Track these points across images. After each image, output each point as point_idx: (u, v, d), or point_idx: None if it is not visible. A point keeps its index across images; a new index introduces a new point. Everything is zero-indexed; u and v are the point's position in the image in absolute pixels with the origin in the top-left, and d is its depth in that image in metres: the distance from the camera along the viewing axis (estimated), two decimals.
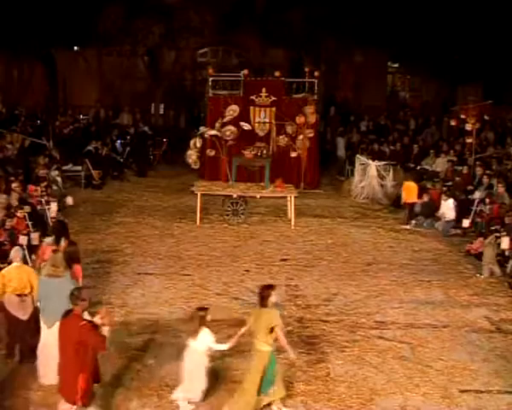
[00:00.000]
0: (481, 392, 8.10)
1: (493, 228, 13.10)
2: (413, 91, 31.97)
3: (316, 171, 19.85)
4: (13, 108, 24.26)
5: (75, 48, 27.51)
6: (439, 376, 8.46)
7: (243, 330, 7.63)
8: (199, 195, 15.46)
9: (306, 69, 19.50)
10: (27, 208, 12.54)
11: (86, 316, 6.95)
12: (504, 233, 12.61)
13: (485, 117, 20.97)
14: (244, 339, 7.95)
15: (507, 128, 23.12)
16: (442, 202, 15.58)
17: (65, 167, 18.70)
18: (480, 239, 13.12)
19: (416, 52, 25.55)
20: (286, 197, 16.12)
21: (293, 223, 15.37)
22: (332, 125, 24.84)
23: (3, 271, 8.78)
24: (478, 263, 12.79)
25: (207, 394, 7.67)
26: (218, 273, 12.07)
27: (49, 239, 9.91)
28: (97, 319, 6.80)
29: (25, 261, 9.59)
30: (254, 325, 7.44)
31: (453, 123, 20.67)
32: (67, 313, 6.78)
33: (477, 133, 19.17)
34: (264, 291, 7.49)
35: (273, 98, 19.22)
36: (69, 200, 14.62)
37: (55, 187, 16.67)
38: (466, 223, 14.99)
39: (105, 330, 6.68)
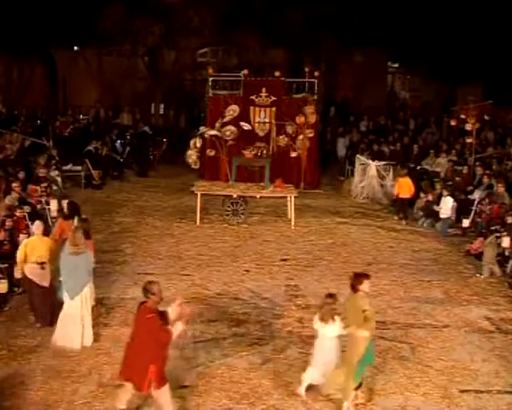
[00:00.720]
0: (481, 392, 8.11)
1: (493, 228, 13.11)
2: (413, 91, 31.99)
3: (316, 171, 19.84)
4: (13, 108, 24.29)
5: (75, 48, 27.51)
6: (439, 376, 8.47)
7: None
8: (199, 195, 15.46)
9: (306, 69, 19.44)
10: (27, 208, 12.56)
11: None
12: (505, 233, 12.61)
13: (485, 117, 20.98)
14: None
15: (507, 128, 23.13)
16: (442, 198, 15.61)
17: (65, 167, 18.70)
18: (480, 239, 13.11)
19: (416, 52, 25.53)
20: (286, 197, 16.11)
21: (293, 223, 15.37)
22: (332, 125, 24.81)
23: (26, 240, 9.77)
24: (478, 263, 12.79)
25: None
26: (218, 273, 12.07)
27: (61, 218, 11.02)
28: (171, 311, 7.01)
29: None
30: (348, 311, 7.54)
31: (453, 123, 20.67)
32: (141, 304, 7.02)
33: (477, 133, 19.17)
34: (356, 279, 7.55)
35: (273, 98, 19.21)
36: (63, 202, 14.59)
37: (55, 187, 16.67)
38: (466, 223, 14.99)
39: (178, 325, 6.89)
